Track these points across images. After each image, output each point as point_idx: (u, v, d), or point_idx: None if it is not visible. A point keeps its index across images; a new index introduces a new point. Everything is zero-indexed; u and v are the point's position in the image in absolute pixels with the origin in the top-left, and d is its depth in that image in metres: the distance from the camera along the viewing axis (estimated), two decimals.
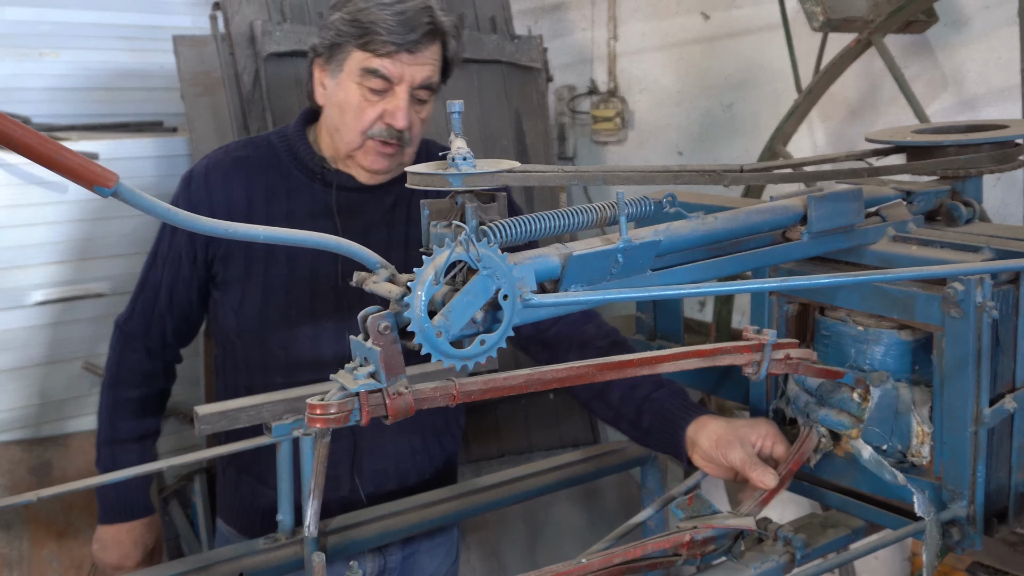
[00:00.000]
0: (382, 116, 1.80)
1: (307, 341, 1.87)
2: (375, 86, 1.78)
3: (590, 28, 3.78)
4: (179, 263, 1.90)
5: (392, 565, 1.98)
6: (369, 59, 1.77)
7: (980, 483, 1.43)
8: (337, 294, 1.86)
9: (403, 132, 1.81)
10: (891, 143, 1.73)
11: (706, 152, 3.42)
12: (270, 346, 1.88)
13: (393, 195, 1.92)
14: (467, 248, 1.03)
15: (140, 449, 1.97)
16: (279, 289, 1.86)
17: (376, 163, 1.85)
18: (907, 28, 2.55)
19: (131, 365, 1.97)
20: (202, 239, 1.86)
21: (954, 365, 1.41)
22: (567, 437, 3.31)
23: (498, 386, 1.14)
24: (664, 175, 1.32)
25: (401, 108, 1.79)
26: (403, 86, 1.79)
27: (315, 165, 1.89)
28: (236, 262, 1.86)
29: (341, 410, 1.03)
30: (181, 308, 1.94)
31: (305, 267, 1.86)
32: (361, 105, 1.80)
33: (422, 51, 1.79)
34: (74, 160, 0.82)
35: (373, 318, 1.03)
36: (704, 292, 1.26)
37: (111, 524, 1.97)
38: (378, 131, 1.81)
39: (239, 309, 1.87)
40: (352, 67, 1.79)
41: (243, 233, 0.96)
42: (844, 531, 1.56)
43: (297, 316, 1.86)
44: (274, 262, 1.86)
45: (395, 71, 1.77)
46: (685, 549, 1.39)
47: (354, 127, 1.81)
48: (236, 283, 1.87)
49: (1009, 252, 1.46)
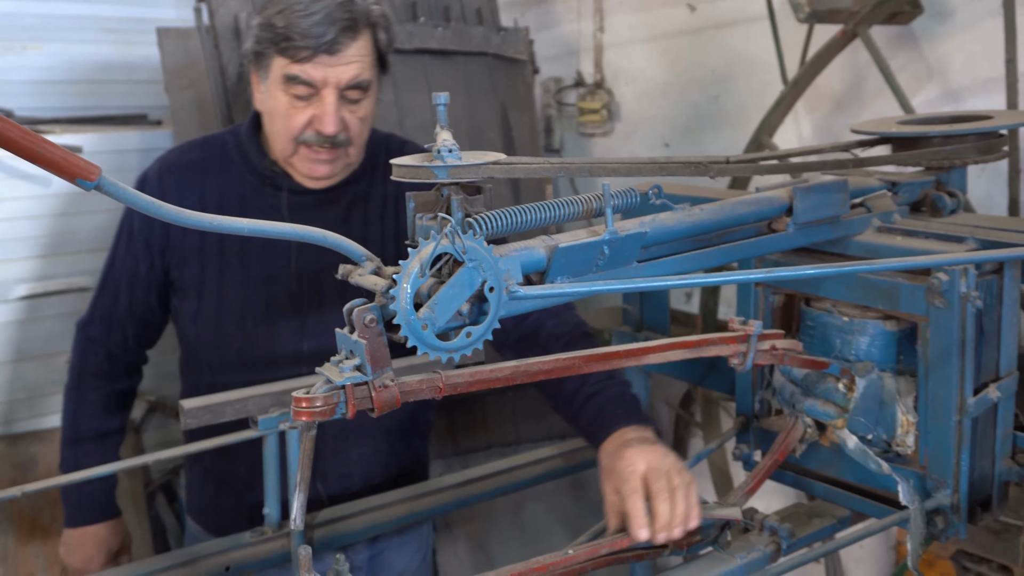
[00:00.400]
0: (311, 122, 1.74)
1: (263, 345, 1.84)
2: (299, 92, 1.72)
3: (576, 20, 3.77)
4: (136, 269, 1.87)
5: (358, 564, 1.95)
6: (289, 65, 1.71)
7: (964, 472, 1.44)
8: (294, 283, 1.84)
9: (336, 136, 1.75)
10: (876, 134, 1.73)
11: (692, 144, 3.42)
12: (227, 352, 1.86)
13: (348, 197, 1.88)
14: (453, 240, 1.02)
15: (102, 451, 1.96)
16: (234, 296, 1.83)
17: (314, 169, 1.80)
18: (892, 19, 2.55)
19: (92, 368, 1.96)
20: (158, 246, 1.84)
21: (939, 355, 1.42)
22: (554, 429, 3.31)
23: (484, 378, 1.14)
24: (650, 167, 1.32)
25: (329, 113, 1.72)
26: (329, 89, 1.72)
27: (265, 169, 1.85)
28: (192, 269, 1.84)
29: (327, 403, 1.02)
30: (141, 313, 1.92)
31: (260, 271, 1.83)
32: (289, 112, 1.74)
33: (343, 50, 1.71)
34: (56, 153, 0.82)
35: (359, 311, 1.02)
36: (690, 283, 1.26)
37: (75, 528, 1.96)
38: (309, 137, 1.75)
39: (196, 317, 1.85)
40: (276, 74, 1.74)
41: (226, 226, 0.96)
42: (829, 520, 1.57)
43: (253, 323, 1.84)
44: (228, 268, 1.83)
45: (317, 75, 1.71)
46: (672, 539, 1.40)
47: (284, 135, 1.76)
48: (192, 290, 1.84)
49: (993, 242, 1.47)
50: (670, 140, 3.50)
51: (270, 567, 1.72)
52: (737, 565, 1.39)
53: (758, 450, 1.69)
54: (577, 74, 3.78)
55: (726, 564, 1.39)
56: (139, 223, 1.86)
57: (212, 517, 1.99)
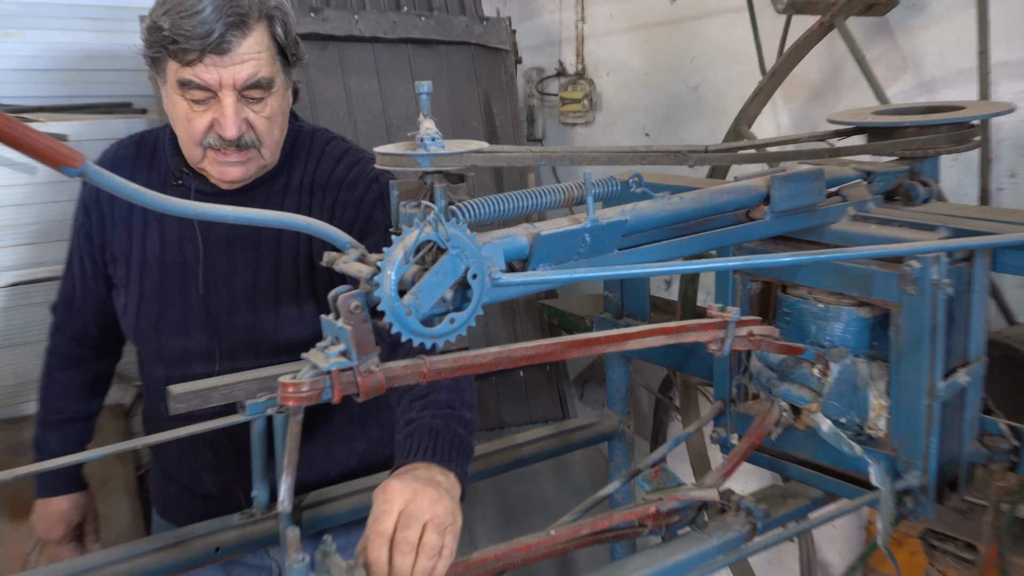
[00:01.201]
0: (212, 126, 1.62)
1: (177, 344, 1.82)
2: (196, 96, 1.60)
3: (558, 10, 3.76)
4: (84, 263, 1.88)
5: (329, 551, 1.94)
6: (180, 69, 1.58)
7: (933, 454, 1.45)
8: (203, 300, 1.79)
9: (240, 138, 1.63)
10: (852, 124, 1.74)
11: (672, 133, 3.42)
12: (146, 348, 1.86)
13: (261, 196, 1.77)
14: (436, 228, 1.02)
15: (68, 430, 1.98)
16: (151, 296, 1.80)
17: (225, 172, 1.68)
18: (869, 11, 2.56)
19: (60, 351, 1.98)
20: (97, 242, 1.84)
21: (910, 341, 1.43)
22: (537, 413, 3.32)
23: (468, 364, 1.14)
24: (631, 156, 1.32)
25: (228, 116, 1.60)
26: (225, 91, 1.59)
27: (174, 169, 1.77)
28: (120, 267, 1.82)
29: (313, 388, 1.02)
30: (95, 303, 1.92)
31: (175, 282, 1.79)
32: (189, 116, 1.62)
33: (234, 48, 1.57)
34: (40, 141, 0.82)
35: (344, 297, 1.02)
36: (670, 271, 1.27)
37: (40, 498, 1.99)
38: (212, 141, 1.63)
39: (123, 312, 1.84)
40: (171, 78, 1.62)
41: (211, 214, 0.96)
42: (803, 501, 1.58)
43: (167, 323, 1.80)
44: (147, 270, 1.80)
45: (210, 77, 1.57)
46: (651, 520, 1.41)
47: (188, 140, 1.66)
48: (122, 288, 1.83)
49: (964, 231, 1.48)
50: (650, 129, 3.50)
51: (259, 548, 1.73)
52: (714, 544, 1.41)
53: (735, 433, 1.70)
54: (559, 64, 3.78)
55: (703, 543, 1.41)
56: (82, 217, 1.85)
57: (161, 504, 2.00)
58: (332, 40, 2.93)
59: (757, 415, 1.59)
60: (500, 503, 3.22)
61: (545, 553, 1.30)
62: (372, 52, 3.04)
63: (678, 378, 3.20)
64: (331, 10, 2.91)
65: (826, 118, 1.83)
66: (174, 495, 1.96)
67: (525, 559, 1.29)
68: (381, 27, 3.03)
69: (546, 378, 3.38)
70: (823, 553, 3.15)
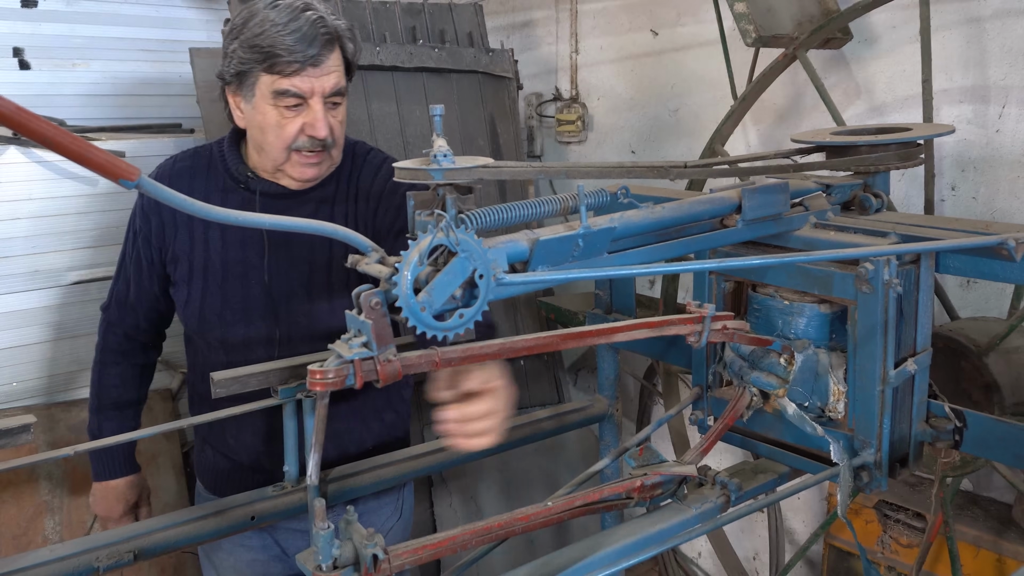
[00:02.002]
0: (303, 129, 1.67)
1: (240, 332, 1.80)
2: (289, 103, 1.65)
3: (555, 43, 3.75)
4: (140, 264, 1.86)
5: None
6: (277, 81, 1.63)
7: (886, 434, 1.45)
8: (265, 291, 1.78)
9: (326, 139, 1.69)
10: (813, 143, 1.73)
11: (655, 150, 3.41)
12: (209, 338, 1.83)
13: (315, 199, 1.80)
14: (447, 234, 1.02)
15: (121, 417, 1.96)
16: (215, 291, 1.79)
17: (306, 173, 1.73)
18: (826, 44, 2.55)
19: (112, 347, 1.95)
20: (156, 244, 1.82)
21: (865, 333, 1.42)
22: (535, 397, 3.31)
23: (475, 353, 1.13)
24: (619, 170, 1.32)
25: (320, 119, 1.66)
26: (316, 98, 1.66)
27: (240, 175, 1.79)
28: (182, 265, 1.80)
29: (338, 375, 1.02)
30: (148, 301, 1.90)
31: (237, 276, 1.78)
32: (280, 123, 1.67)
33: (324, 61, 1.65)
34: (101, 156, 0.81)
35: (365, 295, 1.02)
36: (653, 271, 1.26)
37: (98, 481, 1.97)
38: (302, 143, 1.69)
39: (185, 308, 1.83)
40: (263, 91, 1.66)
41: (249, 221, 0.96)
42: (772, 476, 1.57)
43: (231, 314, 1.79)
44: (211, 268, 1.79)
45: (305, 86, 1.64)
46: (636, 493, 1.40)
47: (277, 145, 1.69)
48: (183, 284, 1.81)
49: (912, 237, 1.47)
50: (636, 147, 3.49)
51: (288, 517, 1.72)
52: (693, 514, 1.40)
53: (711, 416, 1.69)
54: (555, 90, 3.77)
55: (683, 513, 1.40)
56: (140, 223, 1.84)
57: (210, 478, 1.98)
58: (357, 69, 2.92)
59: (731, 399, 1.58)
60: (503, 477, 3.21)
61: (543, 522, 1.29)
62: (391, 79, 3.04)
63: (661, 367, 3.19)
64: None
65: (790, 138, 1.82)
66: (224, 470, 1.93)
67: (525, 527, 1.27)
68: (399, 58, 3.02)
69: (544, 366, 3.37)
70: (789, 522, 3.14)
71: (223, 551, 1.93)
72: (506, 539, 1.30)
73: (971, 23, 2.37)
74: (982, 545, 2.26)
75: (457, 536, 1.21)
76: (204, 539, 1.60)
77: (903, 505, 2.40)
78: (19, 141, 2.56)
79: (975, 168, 2.42)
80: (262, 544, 1.92)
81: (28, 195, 2.60)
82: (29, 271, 2.65)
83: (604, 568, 1.28)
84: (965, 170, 2.44)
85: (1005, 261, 1.40)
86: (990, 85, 2.36)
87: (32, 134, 0.76)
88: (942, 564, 2.30)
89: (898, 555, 2.42)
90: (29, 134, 0.75)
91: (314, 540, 1.09)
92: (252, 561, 1.92)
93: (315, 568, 1.10)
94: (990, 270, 1.44)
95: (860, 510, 2.49)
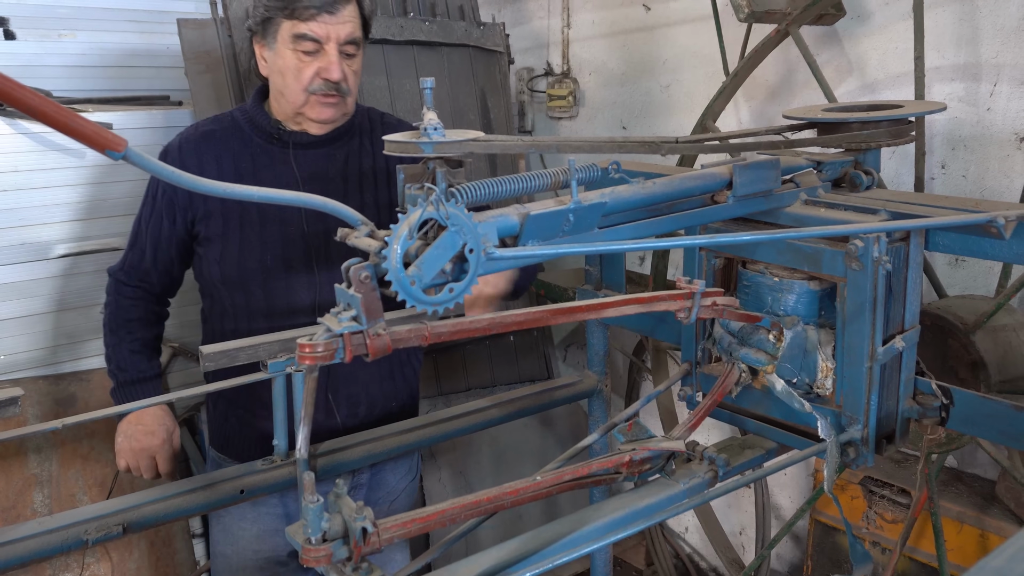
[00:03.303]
0: (318, 73, 1.81)
1: (281, 295, 1.88)
2: (307, 48, 1.79)
3: (546, 17, 3.72)
4: (160, 225, 1.91)
5: (362, 481, 2.03)
6: (296, 25, 1.77)
7: (873, 410, 1.45)
8: (306, 243, 1.88)
9: (340, 83, 1.82)
10: (804, 120, 1.72)
11: (646, 126, 3.40)
12: (251, 290, 1.88)
13: (344, 150, 1.94)
14: (437, 208, 1.01)
15: (151, 354, 2.01)
16: (254, 242, 1.86)
17: (323, 113, 1.85)
18: (819, 20, 2.54)
19: (128, 295, 1.99)
20: (183, 204, 1.88)
21: (854, 310, 1.42)
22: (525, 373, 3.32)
23: (465, 328, 1.13)
24: (610, 145, 1.31)
25: (334, 62, 1.80)
26: (331, 44, 1.80)
27: (272, 128, 1.90)
28: (215, 220, 1.87)
29: (327, 349, 1.01)
30: (164, 264, 1.95)
31: (275, 222, 1.87)
32: (298, 67, 1.81)
33: (340, 11, 1.79)
34: (88, 127, 0.80)
35: (355, 268, 1.01)
36: (643, 247, 1.25)
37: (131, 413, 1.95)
38: (318, 86, 1.82)
39: (221, 261, 1.88)
40: (284, 36, 1.80)
41: (239, 193, 0.94)
42: (759, 452, 1.58)
43: (272, 264, 1.87)
44: (248, 218, 1.86)
45: (321, 32, 1.78)
46: (625, 468, 1.41)
47: (296, 87, 1.82)
48: (217, 239, 1.87)
49: (901, 214, 1.47)
50: (627, 123, 3.48)
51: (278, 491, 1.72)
52: (681, 490, 1.40)
53: (700, 392, 1.70)
54: (547, 64, 3.74)
55: (671, 488, 1.40)
56: (164, 186, 1.89)
57: (235, 446, 2.00)
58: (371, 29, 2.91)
59: (719, 376, 1.58)
60: (493, 452, 3.22)
61: (532, 496, 1.29)
62: (382, 53, 3.01)
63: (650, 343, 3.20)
64: None
65: (781, 114, 1.82)
66: (235, 433, 1.99)
67: (514, 501, 1.28)
68: (390, 31, 2.99)
69: (533, 342, 3.38)
70: (776, 497, 3.17)
71: (247, 521, 1.97)
72: (495, 513, 1.30)
73: (964, 1, 2.36)
74: (966, 521, 2.28)
75: (446, 510, 1.21)
76: (194, 512, 1.60)
77: (888, 481, 2.42)
78: (5, 112, 2.53)
79: (965, 146, 2.42)
80: (285, 511, 1.98)
81: (15, 167, 2.58)
82: (17, 243, 2.63)
83: (592, 542, 1.28)
84: (956, 148, 2.43)
85: (994, 239, 1.40)
86: (982, 63, 2.35)
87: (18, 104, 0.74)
88: (926, 539, 2.32)
89: (883, 530, 2.44)
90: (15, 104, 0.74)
91: (303, 513, 1.09)
92: (276, 531, 1.97)
93: (304, 541, 1.10)
94: (979, 248, 1.44)
95: (846, 486, 2.51)
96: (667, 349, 3.05)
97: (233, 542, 1.98)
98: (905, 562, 2.40)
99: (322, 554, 1.09)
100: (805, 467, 3.01)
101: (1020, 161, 2.30)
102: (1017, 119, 2.31)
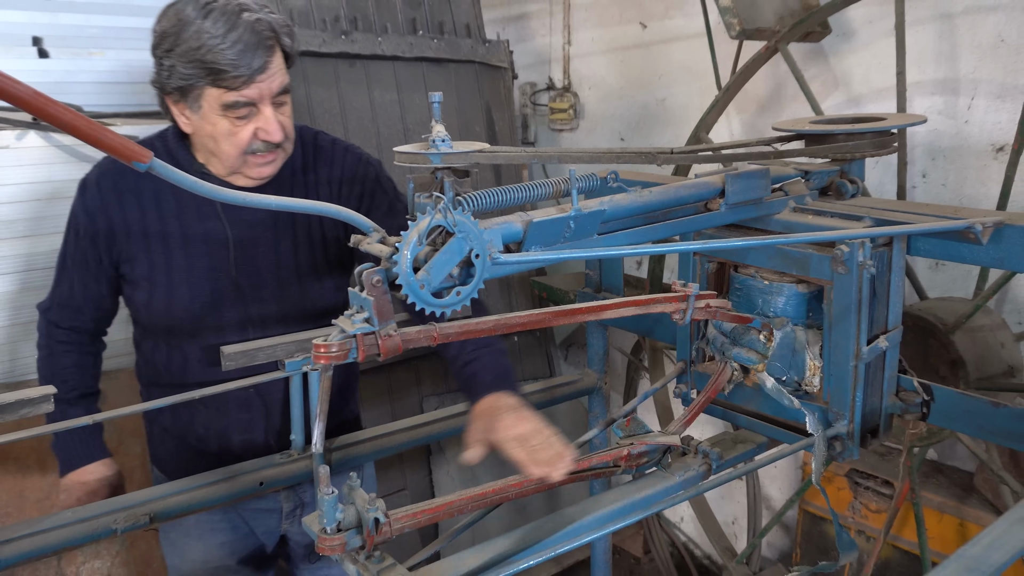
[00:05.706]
0: (256, 134, 1.56)
1: (211, 323, 1.69)
2: (240, 114, 1.53)
3: (548, 34, 3.73)
4: (86, 264, 1.70)
5: (307, 500, 1.85)
6: (225, 94, 1.50)
7: (858, 406, 1.45)
8: (232, 281, 1.68)
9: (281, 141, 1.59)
10: (793, 132, 1.72)
11: (643, 138, 3.40)
12: (179, 332, 1.70)
13: (272, 188, 1.67)
14: (445, 215, 1.01)
15: (88, 404, 1.78)
16: (181, 284, 1.65)
17: (263, 172, 1.62)
18: (806, 38, 2.54)
19: (60, 339, 1.77)
20: (104, 244, 1.66)
21: (840, 312, 1.42)
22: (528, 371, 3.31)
23: (471, 329, 1.13)
24: (608, 156, 1.31)
25: (272, 124, 1.55)
26: (265, 103, 1.54)
27: (195, 171, 1.62)
28: (140, 263, 1.66)
29: (341, 349, 1.01)
30: (94, 301, 1.74)
31: (203, 268, 1.66)
32: (232, 131, 1.54)
33: (269, 67, 1.52)
34: (116, 140, 0.81)
35: (367, 272, 1.01)
36: (640, 252, 1.25)
37: (74, 469, 1.77)
38: (256, 147, 1.57)
39: (148, 305, 1.68)
40: (211, 103, 1.52)
41: (256, 201, 0.94)
42: (750, 446, 1.58)
43: (200, 307, 1.67)
44: (173, 260, 1.65)
45: (254, 94, 1.51)
46: (623, 461, 1.41)
47: (231, 151, 1.57)
48: (144, 282, 1.66)
49: (885, 221, 1.47)
50: (625, 134, 3.48)
51: (295, 484, 1.72)
52: (676, 482, 1.40)
53: (694, 389, 1.70)
54: (549, 79, 3.74)
55: (667, 481, 1.40)
56: (84, 223, 1.67)
57: (172, 466, 1.82)
58: (359, 58, 2.89)
59: (713, 374, 1.58)
60: None
61: (534, 488, 1.29)
62: (392, 69, 3.01)
63: (647, 343, 3.19)
64: (359, 33, 2.88)
65: (771, 126, 1.81)
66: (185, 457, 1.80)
67: (518, 493, 1.28)
68: (400, 48, 2.99)
69: (536, 342, 3.37)
70: (766, 489, 3.16)
71: (191, 537, 1.82)
72: (500, 504, 1.30)
73: (943, 19, 2.36)
74: (946, 511, 2.28)
75: (454, 501, 1.21)
76: (216, 503, 1.60)
77: (873, 473, 2.42)
78: (39, 126, 2.54)
79: (945, 157, 2.41)
80: (231, 525, 1.83)
81: (48, 177, 2.58)
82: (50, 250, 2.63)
83: (592, 531, 1.28)
84: (936, 158, 2.43)
85: (972, 244, 1.40)
86: (960, 78, 2.35)
87: (51, 119, 0.75)
88: (908, 528, 2.32)
89: (868, 520, 2.43)
90: (49, 119, 0.75)
91: (319, 504, 1.09)
92: (223, 543, 1.83)
93: (320, 531, 1.10)
94: (958, 253, 1.44)
95: (833, 478, 2.50)
96: (663, 349, 3.04)
97: (181, 555, 1.85)
98: (888, 550, 2.39)
99: (337, 543, 1.09)
100: (794, 460, 3.00)
101: (996, 170, 2.29)
102: (994, 131, 2.31)
